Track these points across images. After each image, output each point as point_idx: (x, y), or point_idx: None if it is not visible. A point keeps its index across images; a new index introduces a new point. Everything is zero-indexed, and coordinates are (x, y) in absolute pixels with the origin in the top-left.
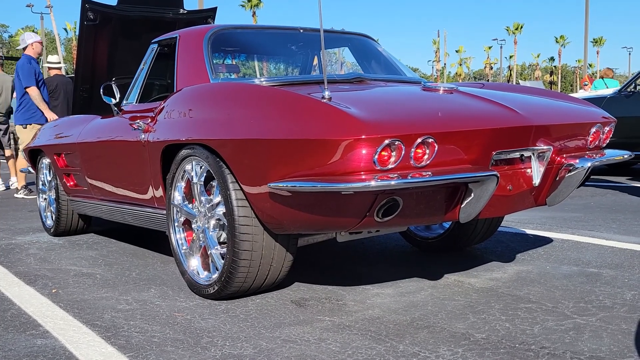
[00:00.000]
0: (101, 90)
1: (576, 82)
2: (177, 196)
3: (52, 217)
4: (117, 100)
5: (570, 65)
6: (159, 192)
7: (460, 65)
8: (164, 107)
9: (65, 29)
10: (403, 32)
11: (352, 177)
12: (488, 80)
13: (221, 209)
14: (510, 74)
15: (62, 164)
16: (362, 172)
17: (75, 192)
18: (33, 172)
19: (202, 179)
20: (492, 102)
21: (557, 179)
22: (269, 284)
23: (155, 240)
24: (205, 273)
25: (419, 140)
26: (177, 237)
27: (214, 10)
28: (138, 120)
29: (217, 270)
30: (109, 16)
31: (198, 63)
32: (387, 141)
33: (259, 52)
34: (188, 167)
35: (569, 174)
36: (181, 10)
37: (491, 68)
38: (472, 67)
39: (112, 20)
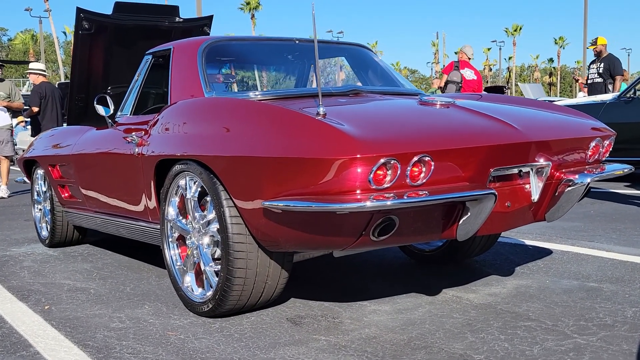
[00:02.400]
0: (95, 101)
1: (575, 83)
2: (171, 211)
3: (47, 228)
4: (111, 111)
5: (570, 67)
6: (153, 206)
7: None
8: (158, 120)
9: (64, 33)
10: (402, 34)
11: (347, 196)
12: (487, 82)
13: (215, 226)
14: (509, 76)
15: (56, 175)
16: (357, 192)
17: (70, 204)
18: (28, 182)
19: (196, 194)
20: (489, 118)
21: (557, 194)
22: (264, 301)
23: (150, 253)
24: (200, 290)
25: (415, 158)
26: (171, 253)
27: (210, 18)
28: (132, 133)
29: (212, 287)
30: (104, 25)
31: (192, 76)
32: (382, 160)
33: (253, 63)
34: (182, 182)
35: (569, 189)
36: (177, 19)
37: (490, 70)
38: None
39: (107, 29)
